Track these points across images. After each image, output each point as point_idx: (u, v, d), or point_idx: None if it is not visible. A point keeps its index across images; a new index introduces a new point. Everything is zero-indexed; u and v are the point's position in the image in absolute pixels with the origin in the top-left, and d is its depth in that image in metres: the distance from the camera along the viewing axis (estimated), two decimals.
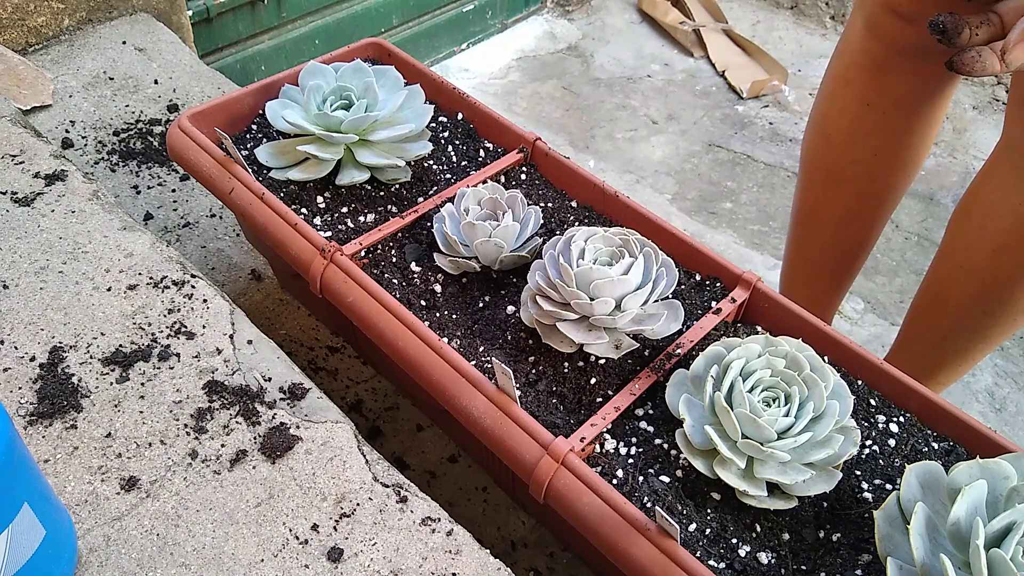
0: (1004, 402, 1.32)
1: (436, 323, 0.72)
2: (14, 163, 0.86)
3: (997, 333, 0.93)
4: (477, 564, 0.60)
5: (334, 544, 0.60)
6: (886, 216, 1.07)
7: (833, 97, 0.98)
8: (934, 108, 0.95)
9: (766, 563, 0.57)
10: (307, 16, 1.60)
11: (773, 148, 1.79)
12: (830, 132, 1.00)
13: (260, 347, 0.73)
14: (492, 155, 0.88)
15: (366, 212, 0.81)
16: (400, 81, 0.86)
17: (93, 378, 0.68)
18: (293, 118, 0.79)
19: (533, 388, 0.67)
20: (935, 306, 0.97)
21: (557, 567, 0.80)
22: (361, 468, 0.65)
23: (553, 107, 1.87)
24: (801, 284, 1.17)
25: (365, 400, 0.92)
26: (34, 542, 0.50)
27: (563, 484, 0.58)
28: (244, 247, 1.02)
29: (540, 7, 2.17)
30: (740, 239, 1.57)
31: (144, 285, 0.76)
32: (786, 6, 2.22)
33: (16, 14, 1.12)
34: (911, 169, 1.01)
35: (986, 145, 1.83)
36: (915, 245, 1.58)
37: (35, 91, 1.08)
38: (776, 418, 0.58)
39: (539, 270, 0.68)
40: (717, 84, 1.97)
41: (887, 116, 0.95)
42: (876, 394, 0.69)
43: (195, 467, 0.64)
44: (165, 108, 1.13)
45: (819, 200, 1.06)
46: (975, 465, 0.54)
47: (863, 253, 1.12)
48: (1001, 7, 0.60)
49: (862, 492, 0.62)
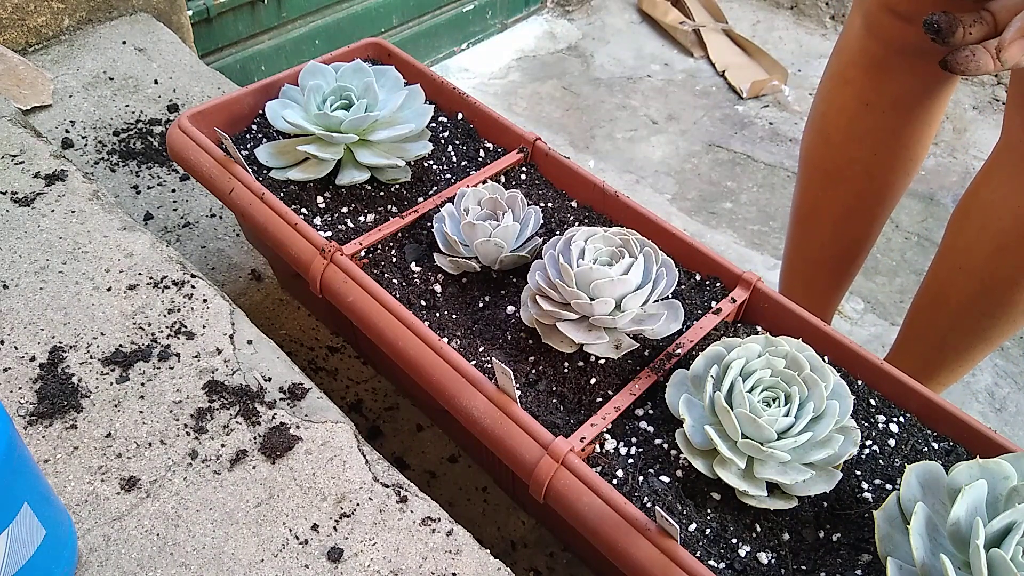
0: (1004, 402, 1.32)
1: (436, 323, 0.72)
2: (14, 163, 0.86)
3: (997, 333, 0.93)
4: (477, 564, 0.60)
5: (334, 544, 0.60)
6: (885, 215, 1.07)
7: (832, 96, 0.98)
8: (933, 107, 0.95)
9: (766, 563, 0.57)
10: (307, 16, 1.60)
11: (773, 148, 1.79)
12: (829, 131, 1.00)
13: (260, 347, 0.73)
14: (492, 155, 0.88)
15: (366, 212, 0.81)
16: (400, 81, 0.86)
17: (93, 378, 0.68)
18: (293, 118, 0.79)
19: (533, 388, 0.67)
20: (935, 307, 0.97)
21: (557, 567, 0.80)
22: (361, 468, 0.65)
23: (553, 107, 1.87)
24: (800, 284, 1.17)
25: (365, 400, 0.92)
26: (34, 542, 0.50)
27: (563, 484, 0.58)
28: (244, 247, 1.02)
29: (540, 7, 2.17)
30: (740, 239, 1.57)
31: (144, 285, 0.76)
32: (786, 6, 2.22)
33: (16, 14, 1.12)
34: (910, 168, 1.01)
35: (986, 145, 1.83)
36: (915, 245, 1.58)
37: (35, 91, 1.08)
38: (776, 418, 0.58)
39: (539, 270, 0.68)
40: (717, 84, 1.97)
41: (886, 115, 0.95)
42: (876, 394, 0.69)
43: (195, 467, 0.64)
44: (165, 108, 1.13)
45: (818, 199, 1.06)
46: (975, 465, 0.54)
47: (862, 252, 1.12)
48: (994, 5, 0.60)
49: (862, 492, 0.62)
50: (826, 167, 1.03)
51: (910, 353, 1.03)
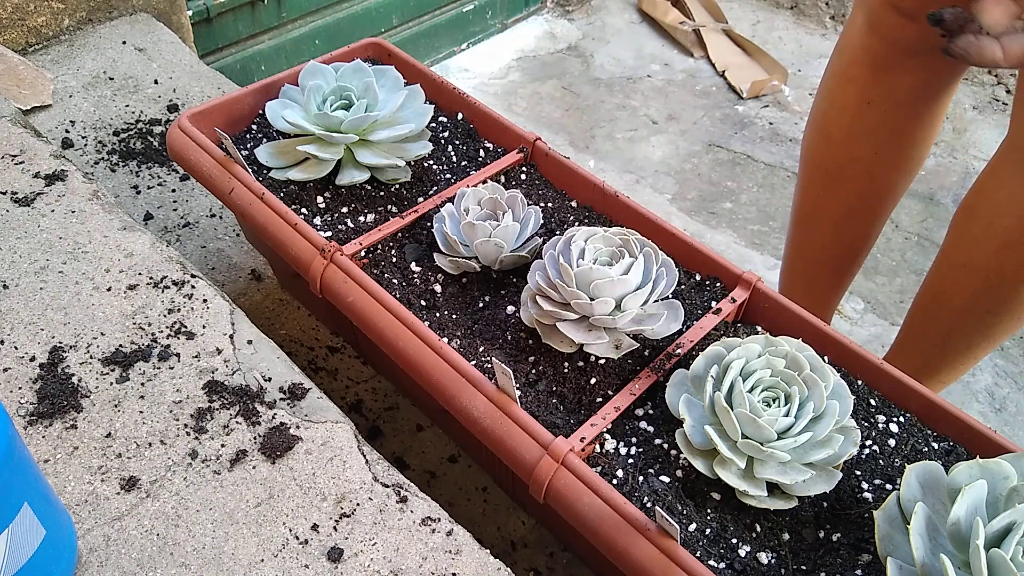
0: (1004, 402, 1.32)
1: (436, 323, 0.72)
2: (14, 163, 0.86)
3: (1000, 331, 0.93)
4: (477, 564, 0.60)
5: (334, 544, 0.60)
6: (886, 215, 1.07)
7: (834, 95, 0.98)
8: (935, 107, 0.95)
9: (766, 563, 0.57)
10: (307, 16, 1.60)
11: (773, 148, 1.79)
12: (831, 130, 1.00)
13: (260, 347, 0.73)
14: (492, 155, 0.88)
15: (366, 212, 0.81)
16: (400, 81, 0.86)
17: (93, 378, 0.68)
18: (293, 118, 0.79)
19: (533, 388, 0.67)
20: (937, 304, 0.96)
21: (557, 567, 0.80)
22: (361, 468, 0.65)
23: (553, 107, 1.87)
24: (800, 283, 1.17)
25: (365, 400, 0.92)
26: (34, 542, 0.50)
27: (563, 484, 0.58)
28: (244, 247, 1.02)
29: (540, 7, 2.17)
30: (740, 239, 1.57)
31: (144, 285, 0.76)
32: (786, 6, 2.22)
33: (16, 14, 1.12)
34: (911, 168, 1.01)
35: (986, 145, 1.83)
36: (915, 245, 1.58)
37: (35, 91, 1.08)
38: (776, 418, 0.58)
39: (539, 270, 0.68)
40: (717, 84, 1.97)
41: (888, 114, 0.94)
42: (876, 394, 0.68)
43: (195, 467, 0.64)
44: (165, 108, 1.13)
45: (819, 199, 1.06)
46: (975, 465, 0.54)
47: (863, 252, 1.12)
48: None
49: (862, 492, 0.62)
50: (827, 166, 1.02)
51: (911, 351, 1.03)
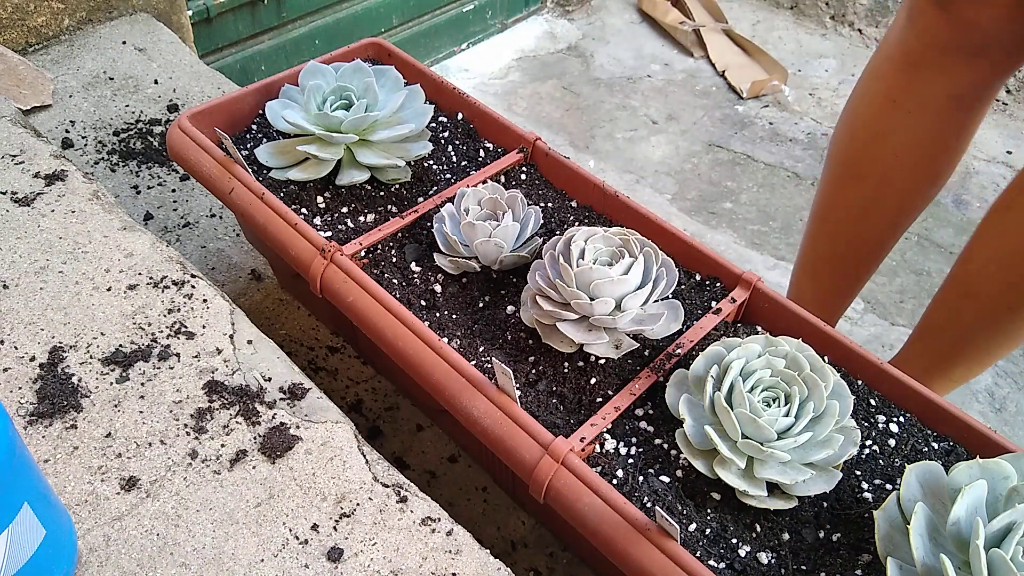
0: (1004, 402, 1.32)
1: (436, 323, 0.72)
2: (14, 163, 0.86)
3: (1020, 332, 0.92)
4: (477, 564, 0.60)
5: (334, 544, 0.60)
6: (904, 223, 1.03)
7: (862, 91, 0.96)
8: (965, 117, 0.91)
9: (766, 563, 0.57)
10: (307, 16, 1.60)
11: (773, 148, 1.79)
12: (855, 126, 0.97)
13: (260, 347, 0.73)
14: (492, 155, 0.88)
15: (366, 212, 0.81)
16: (400, 81, 0.86)
17: (93, 378, 0.68)
18: (293, 118, 0.79)
19: (533, 388, 0.67)
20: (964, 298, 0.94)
21: (557, 567, 0.80)
22: (361, 468, 0.65)
23: (553, 107, 1.87)
24: (810, 280, 1.14)
25: (365, 400, 0.92)
26: (34, 542, 0.50)
27: (563, 484, 0.58)
28: (244, 247, 1.02)
29: (540, 7, 2.17)
30: (740, 239, 1.57)
31: (144, 285, 0.76)
32: (786, 6, 2.22)
33: (16, 14, 1.12)
34: (933, 178, 0.97)
35: (986, 145, 1.83)
36: (915, 245, 1.58)
37: (35, 91, 1.08)
38: (776, 418, 0.58)
39: (539, 270, 0.68)
40: (717, 84, 1.97)
41: (911, 115, 0.91)
42: (876, 394, 0.68)
43: (195, 467, 0.64)
44: (165, 108, 1.13)
45: (835, 196, 1.03)
46: (975, 465, 0.54)
47: (875, 258, 1.08)
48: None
49: (862, 492, 0.62)
50: (847, 162, 1.00)
51: (928, 345, 1.01)
